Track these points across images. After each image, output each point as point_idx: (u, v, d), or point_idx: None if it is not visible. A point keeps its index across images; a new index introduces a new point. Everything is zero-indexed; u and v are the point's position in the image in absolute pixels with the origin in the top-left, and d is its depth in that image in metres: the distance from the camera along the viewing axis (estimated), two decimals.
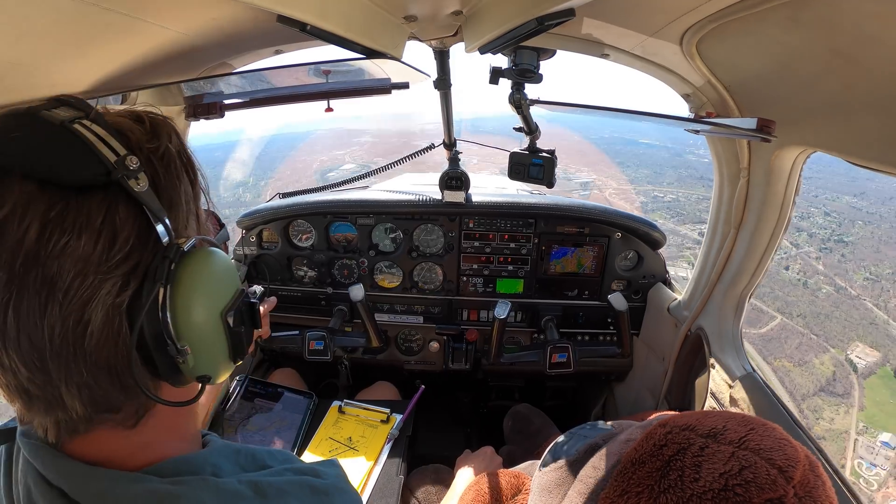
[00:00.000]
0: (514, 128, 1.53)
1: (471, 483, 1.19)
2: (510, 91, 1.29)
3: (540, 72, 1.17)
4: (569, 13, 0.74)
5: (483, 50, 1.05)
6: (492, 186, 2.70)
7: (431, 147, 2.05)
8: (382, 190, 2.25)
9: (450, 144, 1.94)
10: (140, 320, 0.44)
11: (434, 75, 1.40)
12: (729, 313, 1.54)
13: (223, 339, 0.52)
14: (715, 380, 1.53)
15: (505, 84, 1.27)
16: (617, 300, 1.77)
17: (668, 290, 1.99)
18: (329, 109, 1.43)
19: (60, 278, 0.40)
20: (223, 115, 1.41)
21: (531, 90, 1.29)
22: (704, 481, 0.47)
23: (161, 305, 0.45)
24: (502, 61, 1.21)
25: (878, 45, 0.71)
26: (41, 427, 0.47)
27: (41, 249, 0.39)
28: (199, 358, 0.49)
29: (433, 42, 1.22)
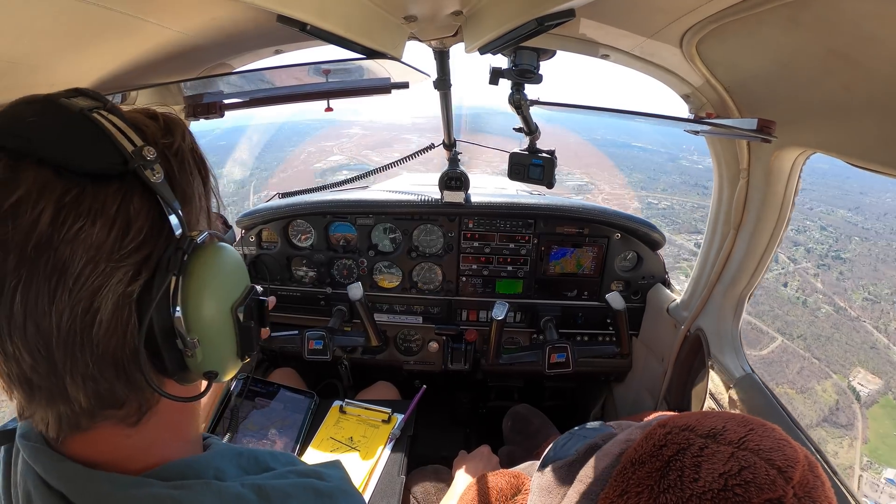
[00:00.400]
0: (514, 128, 1.53)
1: (470, 483, 1.19)
2: (510, 91, 1.29)
3: (540, 72, 1.17)
4: (569, 14, 0.74)
5: (483, 50, 1.05)
6: (491, 187, 2.70)
7: (431, 147, 2.05)
8: (382, 190, 2.25)
9: (449, 144, 1.94)
10: (150, 311, 0.43)
11: (434, 75, 1.40)
12: (728, 314, 1.55)
13: (232, 335, 0.51)
14: (714, 380, 1.53)
15: (504, 84, 1.27)
16: (614, 299, 1.77)
17: (668, 291, 1.99)
18: (329, 109, 1.43)
19: (72, 264, 0.39)
20: (223, 115, 1.41)
21: (531, 90, 1.29)
22: (704, 481, 0.47)
23: (172, 296, 0.45)
24: (502, 62, 1.21)
25: (878, 46, 0.71)
26: (42, 421, 0.45)
27: (55, 233, 0.39)
28: (208, 352, 0.49)
29: (433, 42, 1.22)
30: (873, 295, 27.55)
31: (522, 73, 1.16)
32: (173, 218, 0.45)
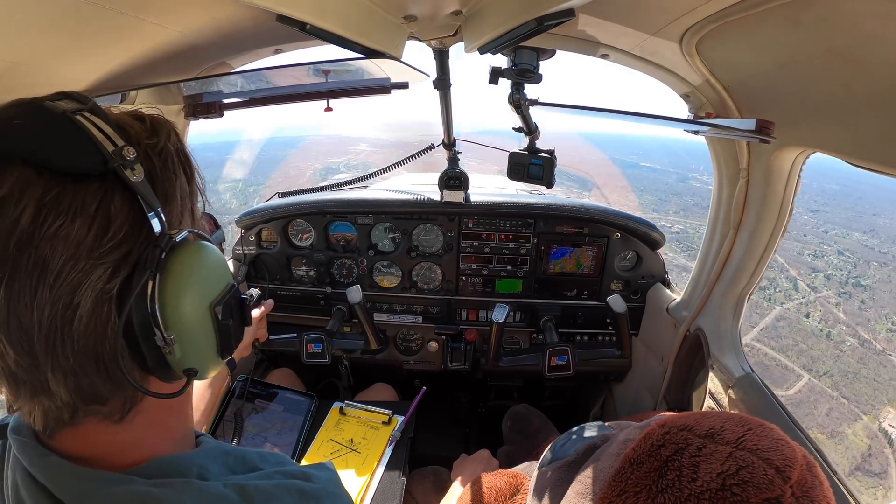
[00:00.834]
0: (514, 128, 1.53)
1: (469, 483, 1.19)
2: (510, 91, 1.29)
3: (539, 72, 1.17)
4: (568, 13, 0.74)
5: (483, 50, 1.05)
6: (491, 186, 2.70)
7: (431, 147, 2.05)
8: (382, 189, 2.25)
9: (449, 144, 1.94)
10: (128, 307, 0.44)
11: (433, 75, 1.40)
12: (728, 314, 1.55)
13: (211, 332, 0.52)
14: (714, 380, 1.53)
15: (504, 83, 1.27)
16: (616, 302, 1.77)
17: (668, 291, 1.99)
18: (329, 109, 1.43)
19: (52, 261, 0.41)
20: (223, 115, 1.41)
21: (531, 90, 1.29)
22: (702, 481, 0.47)
23: (150, 294, 0.46)
24: (502, 61, 1.21)
25: (878, 45, 0.71)
26: (29, 415, 0.46)
27: (35, 231, 0.40)
28: (186, 349, 0.49)
29: (433, 42, 1.22)
30: None
31: (522, 73, 1.16)
32: (153, 216, 0.46)
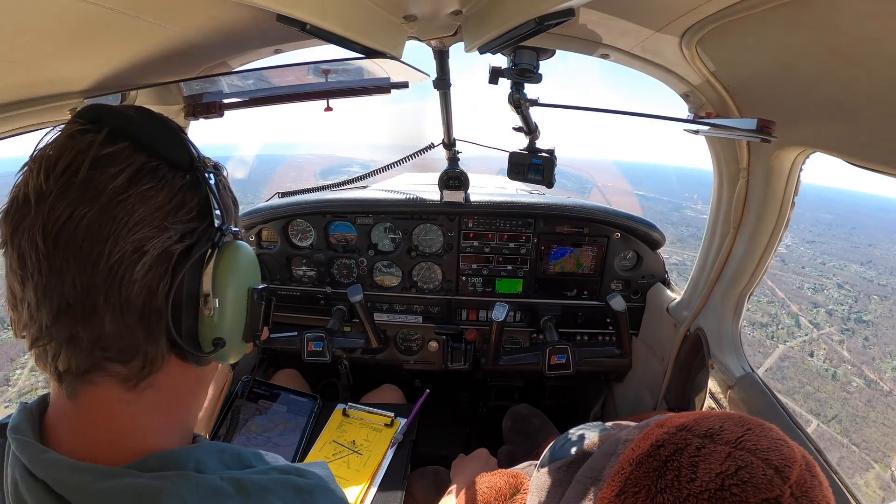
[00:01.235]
0: (514, 128, 1.53)
1: (469, 483, 1.19)
2: (510, 91, 1.29)
3: (539, 72, 1.17)
4: (568, 13, 0.74)
5: (483, 50, 1.05)
6: (491, 186, 2.70)
7: (431, 147, 2.05)
8: (382, 190, 2.25)
9: (449, 144, 1.94)
10: (184, 269, 0.51)
11: (433, 75, 1.40)
12: (728, 313, 1.54)
13: (244, 311, 0.60)
14: (714, 380, 1.53)
15: (504, 83, 1.27)
16: (616, 302, 1.77)
17: (668, 290, 1.99)
18: (328, 109, 1.43)
19: (136, 211, 0.48)
20: (222, 115, 1.41)
21: (531, 90, 1.29)
22: (701, 481, 0.47)
23: (206, 261, 0.55)
24: (502, 61, 1.21)
25: (878, 46, 0.71)
26: (53, 352, 0.49)
27: (132, 185, 0.48)
28: (221, 318, 0.56)
29: (433, 42, 1.22)
30: None
31: (522, 73, 1.16)
32: (217, 211, 0.55)
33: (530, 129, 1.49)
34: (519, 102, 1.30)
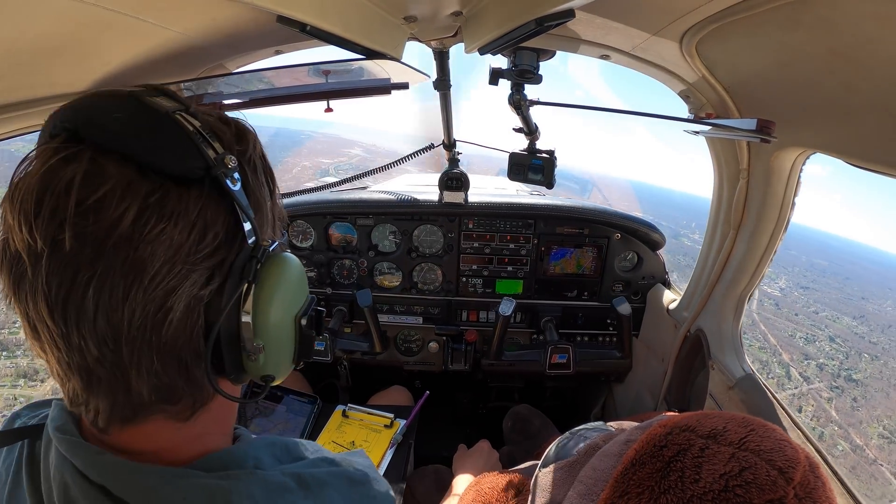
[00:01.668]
0: (514, 128, 1.53)
1: (471, 483, 1.19)
2: (510, 92, 1.29)
3: (539, 72, 1.17)
4: (568, 14, 0.74)
5: (483, 51, 1.05)
6: (491, 187, 2.70)
7: (431, 147, 2.05)
8: (382, 190, 2.25)
9: (449, 145, 1.94)
10: (222, 316, 0.44)
11: (434, 76, 1.40)
12: (728, 314, 1.54)
13: (293, 342, 0.53)
14: (714, 381, 1.53)
15: (504, 84, 1.27)
16: (623, 307, 1.80)
17: (668, 291, 1.99)
18: (329, 110, 1.43)
19: (150, 263, 0.40)
20: None
21: (531, 90, 1.29)
22: (705, 482, 0.47)
23: (243, 303, 0.46)
24: (502, 62, 1.21)
25: (878, 46, 0.71)
26: (93, 411, 0.45)
27: (136, 232, 0.39)
28: (270, 358, 0.50)
29: (433, 43, 1.22)
30: (889, 431, 26.20)
31: (522, 74, 1.16)
32: (248, 226, 0.46)
33: (530, 130, 1.49)
34: (519, 103, 1.30)
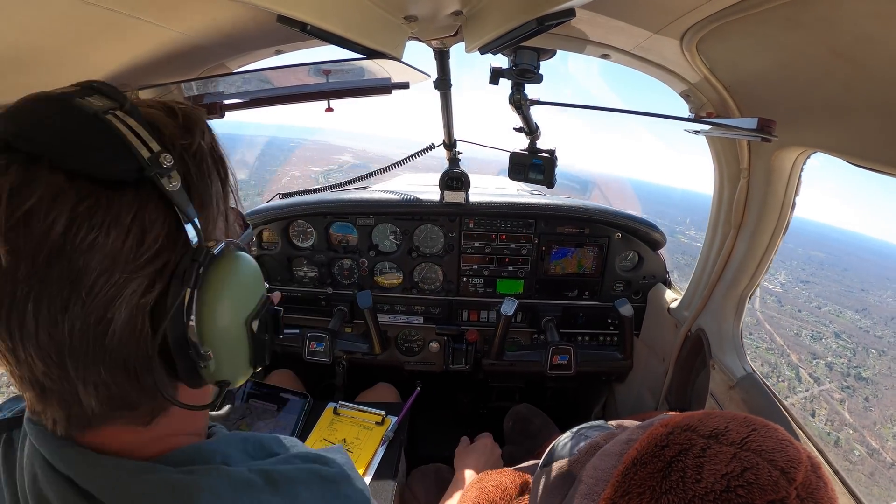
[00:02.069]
0: (514, 128, 1.53)
1: (474, 480, 1.19)
2: (510, 91, 1.29)
3: (540, 72, 1.17)
4: (569, 13, 0.74)
5: (483, 50, 1.05)
6: (492, 187, 2.70)
7: (432, 147, 2.05)
8: (382, 190, 2.25)
9: (450, 145, 1.94)
10: (165, 323, 0.43)
11: (434, 75, 1.40)
12: (729, 314, 1.54)
13: (246, 346, 0.51)
14: (715, 380, 1.53)
15: (504, 83, 1.27)
16: (626, 308, 1.81)
17: (669, 291, 1.99)
18: (329, 109, 1.43)
19: (85, 275, 0.39)
20: (223, 115, 1.41)
21: (531, 90, 1.29)
22: (706, 482, 0.46)
23: (187, 309, 0.44)
24: (502, 61, 1.21)
25: (878, 46, 0.71)
26: (51, 420, 0.45)
27: (67, 244, 0.38)
28: (221, 363, 0.48)
29: (433, 42, 1.22)
30: None
31: (522, 73, 1.16)
32: (189, 228, 0.44)
33: (531, 130, 1.49)
34: (520, 103, 1.30)
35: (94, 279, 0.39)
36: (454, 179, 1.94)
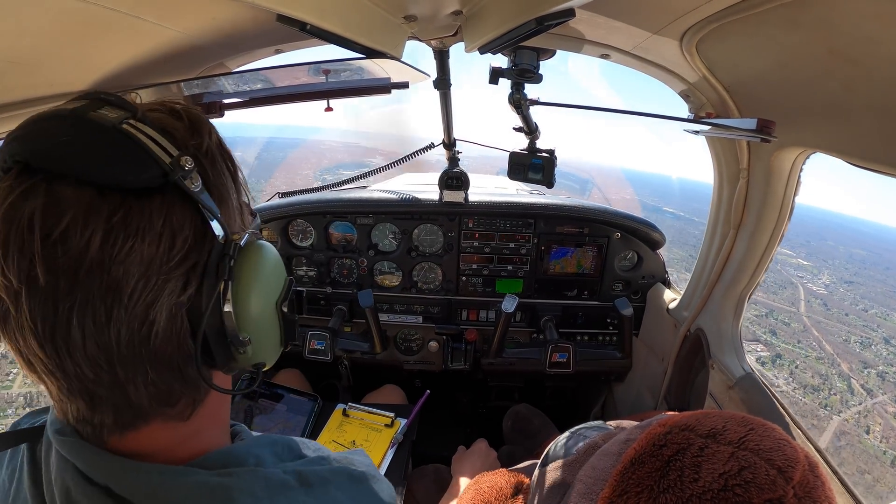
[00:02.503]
0: (514, 128, 1.53)
1: (469, 483, 1.19)
2: (510, 91, 1.29)
3: (540, 72, 1.17)
4: (568, 13, 0.74)
5: (483, 50, 1.05)
6: (491, 186, 2.70)
7: (431, 146, 2.05)
8: (382, 190, 2.25)
9: (449, 144, 1.94)
10: (205, 317, 0.45)
11: (434, 75, 1.40)
12: (728, 314, 1.55)
13: (278, 328, 0.55)
14: (714, 380, 1.53)
15: (504, 83, 1.27)
16: (624, 307, 1.81)
17: (668, 291, 1.99)
18: (329, 109, 1.43)
19: (126, 282, 0.40)
20: (223, 115, 1.41)
21: (531, 90, 1.29)
22: (704, 481, 0.47)
23: (223, 301, 0.47)
24: (502, 61, 1.21)
25: (878, 46, 0.71)
26: (98, 425, 0.46)
27: (106, 255, 0.39)
28: (258, 347, 0.51)
29: (433, 42, 1.22)
30: None
31: (522, 73, 1.16)
32: (215, 224, 0.46)
33: (531, 129, 1.49)
34: (519, 102, 1.30)
35: (134, 285, 0.41)
36: (454, 179, 1.94)
